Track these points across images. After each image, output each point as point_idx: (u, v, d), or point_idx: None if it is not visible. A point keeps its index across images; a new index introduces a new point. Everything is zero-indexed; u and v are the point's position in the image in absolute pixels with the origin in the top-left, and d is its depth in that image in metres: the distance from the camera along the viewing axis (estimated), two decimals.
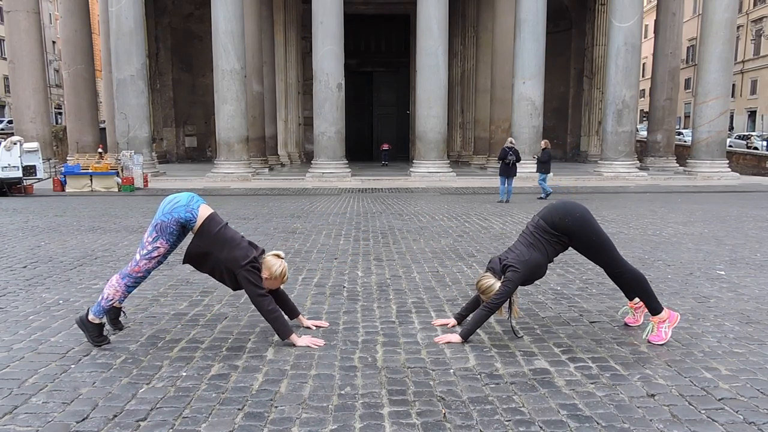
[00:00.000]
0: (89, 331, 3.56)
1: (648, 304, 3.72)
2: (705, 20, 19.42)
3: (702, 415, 2.69)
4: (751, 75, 42.09)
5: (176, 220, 3.54)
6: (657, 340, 3.63)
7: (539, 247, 3.64)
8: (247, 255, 3.55)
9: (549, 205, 3.83)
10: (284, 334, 3.56)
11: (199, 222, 3.57)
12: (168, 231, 3.55)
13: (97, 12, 29.70)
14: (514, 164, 13.08)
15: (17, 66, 20.05)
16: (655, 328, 3.66)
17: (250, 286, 3.53)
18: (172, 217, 3.53)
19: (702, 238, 7.81)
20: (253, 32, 21.15)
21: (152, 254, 3.57)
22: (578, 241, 3.68)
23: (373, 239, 7.80)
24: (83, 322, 3.57)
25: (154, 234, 3.55)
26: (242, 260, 3.52)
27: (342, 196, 14.35)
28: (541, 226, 3.68)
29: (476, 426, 2.58)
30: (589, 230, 3.65)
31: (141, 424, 2.60)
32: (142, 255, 3.58)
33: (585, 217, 3.66)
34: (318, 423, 2.61)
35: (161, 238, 3.54)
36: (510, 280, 3.57)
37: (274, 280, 3.62)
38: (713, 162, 19.90)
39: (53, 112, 41.00)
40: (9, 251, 6.85)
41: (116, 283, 3.61)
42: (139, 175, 16.70)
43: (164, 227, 3.54)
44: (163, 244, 3.56)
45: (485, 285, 3.63)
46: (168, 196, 3.68)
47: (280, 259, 3.66)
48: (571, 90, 29.07)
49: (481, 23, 25.54)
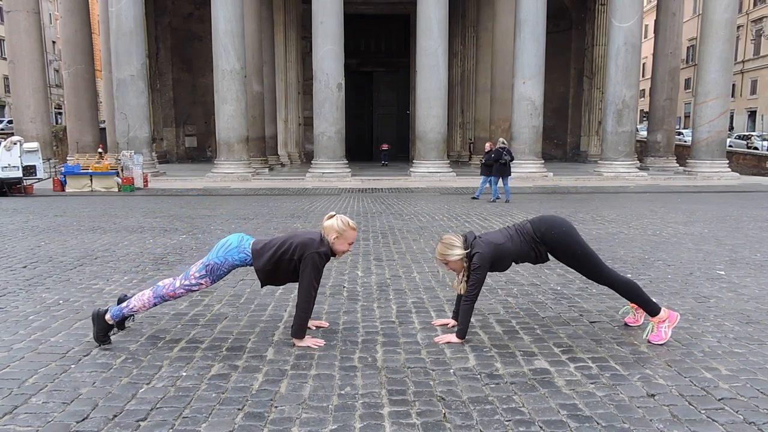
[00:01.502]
0: (99, 327, 3.58)
1: (645, 309, 3.76)
2: (705, 20, 19.42)
3: (702, 415, 2.69)
4: (751, 75, 42.10)
5: (231, 264, 3.61)
6: (657, 339, 3.64)
7: (515, 241, 3.72)
8: (314, 239, 3.57)
9: (541, 215, 3.93)
10: (301, 334, 3.58)
11: (252, 253, 3.62)
12: (218, 273, 3.61)
13: (97, 12, 29.69)
14: (509, 164, 13.24)
15: (17, 66, 20.05)
16: (655, 328, 3.68)
17: (312, 272, 3.51)
18: (227, 260, 3.59)
19: (702, 238, 7.81)
20: (253, 32, 21.15)
21: (193, 288, 3.63)
22: (562, 254, 3.77)
23: (373, 239, 7.80)
24: (99, 316, 3.59)
25: (203, 272, 3.59)
26: (314, 245, 3.53)
27: (342, 196, 14.36)
28: (526, 227, 3.78)
29: (476, 426, 2.58)
30: (573, 244, 3.73)
31: (141, 424, 2.60)
32: (183, 284, 3.61)
33: (570, 232, 3.75)
34: (318, 423, 2.61)
35: (208, 277, 3.60)
36: (479, 266, 3.59)
37: (346, 234, 3.61)
38: (713, 162, 19.89)
39: (53, 112, 41.02)
40: (9, 251, 6.85)
41: (146, 300, 3.63)
42: (139, 175, 16.70)
43: (216, 269, 3.59)
44: (207, 282, 3.63)
45: (442, 252, 3.67)
46: (220, 240, 3.72)
47: (332, 217, 3.68)
48: (571, 90, 29.07)
49: (481, 23, 25.56)
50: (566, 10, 27.98)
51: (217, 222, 9.33)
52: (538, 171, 19.04)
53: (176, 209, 11.40)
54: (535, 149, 19.32)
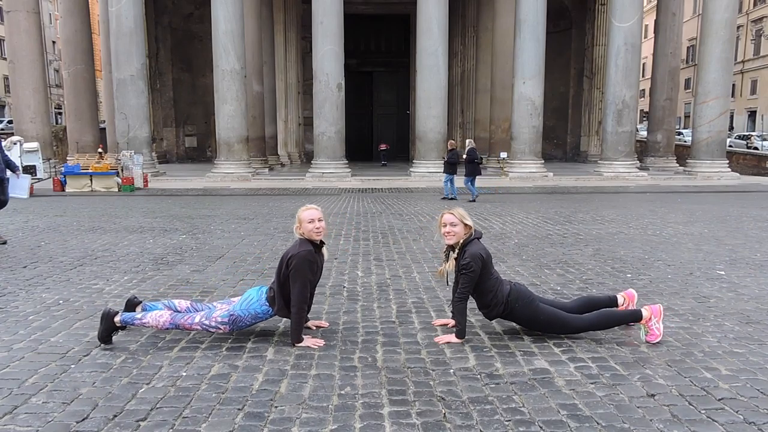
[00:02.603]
0: (105, 326, 3.61)
1: (630, 322, 3.82)
2: (705, 20, 19.42)
3: (702, 415, 2.69)
4: (751, 75, 42.08)
5: (254, 315, 3.70)
6: (653, 338, 3.66)
7: (494, 281, 3.78)
8: (294, 245, 3.68)
9: (522, 288, 3.89)
10: (298, 340, 3.61)
11: (268, 301, 3.71)
12: (240, 324, 3.69)
13: (97, 12, 29.67)
14: (480, 163, 14.07)
15: (17, 66, 20.05)
16: (646, 328, 3.70)
17: (297, 274, 3.56)
18: (249, 313, 3.69)
19: (702, 238, 7.81)
20: (253, 32, 21.14)
21: (211, 329, 3.68)
22: (526, 323, 3.84)
23: (373, 239, 7.80)
24: (108, 317, 3.61)
25: (226, 319, 3.66)
26: (294, 249, 3.65)
27: (342, 196, 14.36)
28: (506, 284, 3.82)
29: (476, 426, 2.58)
30: (530, 316, 3.77)
31: (141, 424, 2.60)
32: (202, 322, 3.65)
33: (530, 304, 3.76)
34: (318, 423, 2.61)
35: (230, 325, 3.67)
36: (472, 267, 3.63)
37: (302, 216, 3.69)
38: (713, 162, 19.89)
39: (53, 112, 41.02)
40: (9, 251, 6.85)
41: (162, 323, 3.66)
42: (139, 175, 16.70)
43: (239, 320, 3.68)
44: (226, 329, 3.69)
45: (462, 214, 3.76)
46: (246, 292, 3.84)
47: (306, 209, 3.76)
48: (571, 90, 29.05)
49: (481, 23, 25.53)
50: (566, 10, 27.96)
51: (217, 222, 9.33)
52: (538, 171, 19.04)
53: (176, 209, 11.40)
54: (535, 149, 19.31)
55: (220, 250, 6.86)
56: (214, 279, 5.43)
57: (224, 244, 7.30)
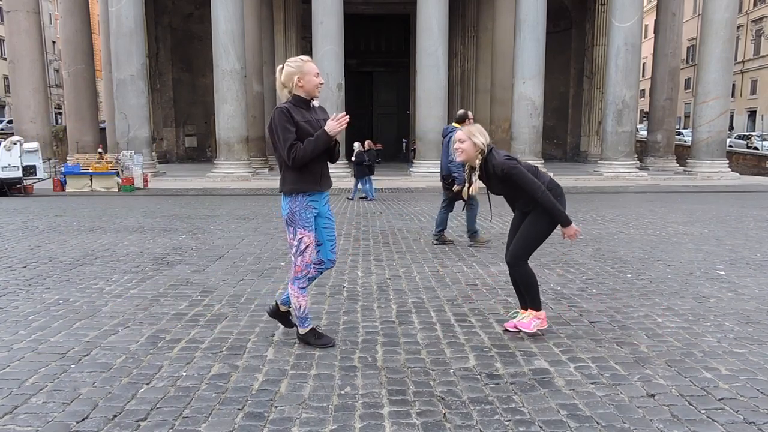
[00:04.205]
0: (279, 319, 3.78)
1: (532, 304, 3.81)
2: (705, 20, 19.41)
3: (702, 415, 2.69)
4: (751, 75, 42.08)
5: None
6: (524, 327, 3.76)
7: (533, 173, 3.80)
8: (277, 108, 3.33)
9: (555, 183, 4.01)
10: (324, 140, 3.34)
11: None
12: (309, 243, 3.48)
13: (97, 12, 29.67)
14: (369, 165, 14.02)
15: (17, 66, 20.05)
16: (529, 318, 3.77)
17: (279, 126, 3.21)
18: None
19: (702, 238, 7.81)
20: (253, 32, 21.15)
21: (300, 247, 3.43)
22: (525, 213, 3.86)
23: (373, 239, 7.80)
24: (274, 312, 3.75)
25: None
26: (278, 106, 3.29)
27: (342, 196, 14.36)
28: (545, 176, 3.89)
29: (476, 426, 2.58)
30: (540, 218, 3.80)
31: (141, 424, 2.60)
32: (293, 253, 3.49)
33: (551, 210, 3.79)
34: (318, 423, 2.61)
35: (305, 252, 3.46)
36: (515, 169, 3.64)
37: (305, 68, 3.26)
38: (713, 162, 19.88)
39: (53, 112, 41.02)
40: (9, 251, 6.85)
41: (293, 292, 3.55)
42: (139, 175, 16.69)
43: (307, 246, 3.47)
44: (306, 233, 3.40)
45: (471, 131, 3.72)
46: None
47: (281, 70, 3.32)
48: (571, 90, 29.04)
49: (481, 23, 25.53)
50: (566, 10, 27.96)
51: (217, 222, 9.33)
52: None
53: (176, 209, 11.40)
54: (535, 149, 19.31)
55: (220, 250, 6.86)
56: (214, 279, 5.43)
57: (224, 244, 7.30)
